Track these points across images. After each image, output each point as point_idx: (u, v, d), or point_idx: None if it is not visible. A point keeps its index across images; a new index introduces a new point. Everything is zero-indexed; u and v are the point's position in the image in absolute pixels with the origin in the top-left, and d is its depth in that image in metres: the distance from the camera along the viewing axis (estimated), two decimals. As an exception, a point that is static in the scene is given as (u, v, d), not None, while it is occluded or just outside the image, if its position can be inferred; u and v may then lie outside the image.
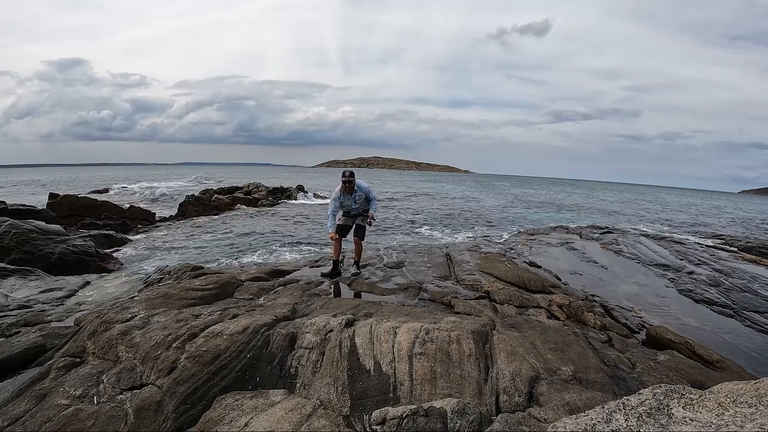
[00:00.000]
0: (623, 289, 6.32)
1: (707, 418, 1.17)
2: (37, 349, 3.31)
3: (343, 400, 2.45)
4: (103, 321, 3.39)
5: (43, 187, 37.62)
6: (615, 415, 1.28)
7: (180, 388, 2.52)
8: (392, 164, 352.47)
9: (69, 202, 16.42)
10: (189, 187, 38.84)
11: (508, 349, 2.99)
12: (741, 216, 34.27)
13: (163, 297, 4.15)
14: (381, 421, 2.13)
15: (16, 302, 5.06)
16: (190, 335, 3.05)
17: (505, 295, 4.91)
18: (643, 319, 5.04)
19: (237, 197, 24.73)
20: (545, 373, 2.76)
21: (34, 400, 2.47)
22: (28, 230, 8.53)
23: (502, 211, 26.44)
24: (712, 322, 5.18)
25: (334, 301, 4.36)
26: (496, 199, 37.28)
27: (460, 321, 3.43)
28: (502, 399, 2.50)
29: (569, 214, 27.13)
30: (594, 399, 2.41)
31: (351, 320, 3.35)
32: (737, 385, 1.29)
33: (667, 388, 1.34)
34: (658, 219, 26.11)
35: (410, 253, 7.47)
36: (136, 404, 2.37)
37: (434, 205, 28.98)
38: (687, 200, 60.55)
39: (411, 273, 6.00)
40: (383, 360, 2.75)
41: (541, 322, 4.02)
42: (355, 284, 5.42)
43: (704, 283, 6.72)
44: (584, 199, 44.65)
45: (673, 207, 40.88)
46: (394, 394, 2.51)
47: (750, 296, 6.06)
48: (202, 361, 2.73)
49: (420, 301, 4.80)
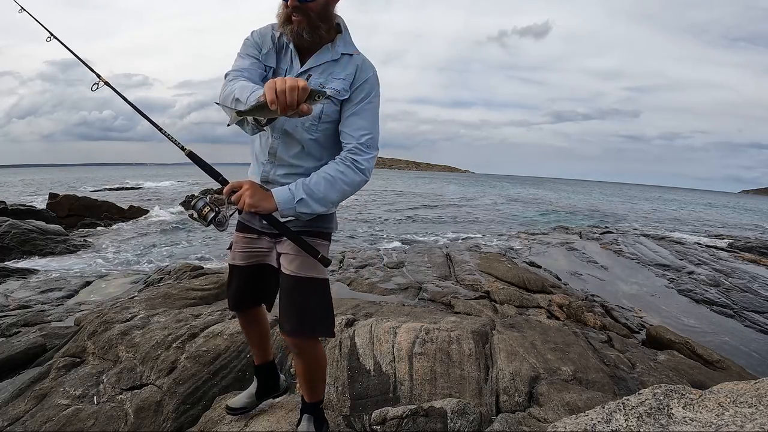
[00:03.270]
0: (623, 289, 6.32)
1: (707, 418, 1.17)
2: (37, 349, 3.31)
3: (343, 400, 2.45)
4: (103, 321, 3.39)
5: (61, 185, 37.18)
6: (615, 415, 1.28)
7: (180, 388, 2.52)
8: (392, 164, 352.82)
9: (69, 202, 16.41)
10: (189, 187, 38.87)
11: (508, 349, 2.99)
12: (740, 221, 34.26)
13: (163, 297, 4.15)
14: (381, 421, 2.13)
15: (16, 302, 5.06)
16: (190, 335, 3.05)
17: (505, 295, 4.91)
18: (643, 319, 5.04)
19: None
20: (545, 373, 2.76)
21: (34, 400, 2.47)
22: (28, 230, 8.54)
23: (502, 211, 26.44)
24: (712, 322, 5.18)
25: (334, 301, 4.36)
26: (496, 199, 37.27)
27: (460, 321, 3.43)
28: (502, 399, 2.50)
29: (569, 214, 27.13)
30: (594, 399, 2.41)
31: (351, 320, 3.35)
32: (737, 385, 1.29)
33: (667, 388, 1.34)
34: (659, 219, 26.11)
35: (410, 253, 7.47)
36: (136, 404, 2.37)
37: (433, 204, 28.98)
38: (687, 200, 60.56)
39: (411, 273, 6.00)
40: (383, 360, 2.75)
41: (541, 322, 4.02)
42: (355, 284, 5.42)
43: (704, 283, 6.72)
44: (584, 199, 44.64)
45: (673, 207, 40.89)
46: (394, 394, 2.51)
47: (750, 296, 6.06)
48: (202, 361, 2.73)
49: (420, 301, 4.80)
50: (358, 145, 1.38)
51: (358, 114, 1.39)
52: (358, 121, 1.39)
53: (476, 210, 26.53)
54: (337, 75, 1.40)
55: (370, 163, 1.39)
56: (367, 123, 1.40)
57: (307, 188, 1.32)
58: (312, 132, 1.42)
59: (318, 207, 1.34)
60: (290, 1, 1.32)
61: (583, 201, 42.11)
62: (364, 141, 1.39)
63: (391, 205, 27.13)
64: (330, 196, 1.35)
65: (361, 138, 1.38)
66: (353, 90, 1.41)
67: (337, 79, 1.40)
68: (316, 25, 1.36)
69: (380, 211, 23.46)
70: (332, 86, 1.39)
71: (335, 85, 1.39)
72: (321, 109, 1.39)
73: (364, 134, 1.39)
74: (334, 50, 1.42)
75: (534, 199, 39.49)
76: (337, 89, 1.39)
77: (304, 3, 1.32)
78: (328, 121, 1.42)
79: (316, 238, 1.50)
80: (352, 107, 1.40)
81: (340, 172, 1.35)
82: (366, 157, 1.38)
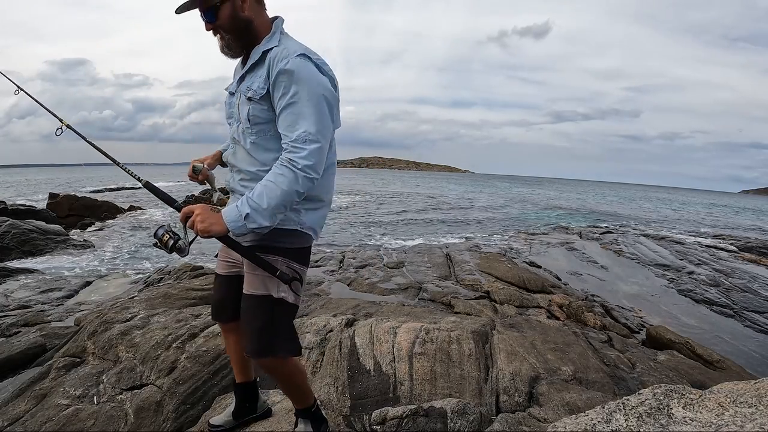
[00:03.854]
0: (623, 289, 6.32)
1: (707, 418, 1.17)
2: (37, 349, 3.31)
3: (343, 400, 2.45)
4: (103, 321, 3.39)
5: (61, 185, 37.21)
6: (615, 415, 1.28)
7: (180, 388, 2.52)
8: (392, 164, 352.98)
9: (69, 202, 16.41)
10: (188, 186, 38.85)
11: (508, 349, 2.99)
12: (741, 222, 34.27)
13: (163, 297, 4.15)
14: (381, 421, 2.13)
15: (16, 302, 5.06)
16: (190, 335, 3.05)
17: (505, 295, 4.91)
18: (643, 319, 5.04)
19: (237, 197, 24.74)
20: (545, 373, 2.76)
21: (34, 400, 2.47)
22: (28, 230, 8.54)
23: (502, 212, 26.44)
24: (712, 322, 5.19)
25: (334, 301, 4.36)
26: (496, 199, 37.27)
27: (460, 321, 3.43)
28: (502, 399, 2.51)
29: (569, 214, 27.13)
30: (594, 399, 2.41)
31: (351, 320, 3.35)
32: (737, 385, 1.29)
33: (667, 388, 1.34)
34: (659, 219, 26.12)
35: (410, 253, 7.47)
36: (136, 404, 2.37)
37: (433, 204, 28.98)
38: (687, 200, 60.59)
39: (411, 273, 6.00)
40: (383, 360, 2.75)
41: (541, 322, 4.02)
42: (355, 284, 5.42)
43: (704, 283, 6.72)
44: (584, 199, 44.65)
45: (673, 207, 40.90)
46: (394, 394, 2.51)
47: (750, 296, 6.07)
48: (202, 361, 2.74)
49: (420, 301, 4.80)
50: (291, 143, 1.30)
51: (285, 109, 1.32)
52: (288, 117, 1.31)
53: (476, 210, 26.53)
54: (260, 74, 1.37)
55: (311, 159, 1.28)
56: (295, 117, 1.30)
57: (251, 201, 1.27)
58: (249, 135, 1.41)
59: (266, 219, 1.28)
60: (205, 26, 1.37)
61: (583, 201, 42.12)
62: (297, 136, 1.29)
63: (391, 206, 27.14)
64: (273, 203, 1.27)
65: (293, 134, 1.30)
66: (272, 85, 1.34)
67: (259, 78, 1.37)
68: (234, 38, 1.40)
69: (380, 211, 23.47)
70: (254, 86, 1.37)
71: (254, 85, 1.37)
72: (248, 111, 1.38)
73: (295, 130, 1.30)
74: (257, 50, 1.40)
75: (534, 199, 39.49)
76: (253, 88, 1.37)
77: (210, 23, 1.36)
78: (259, 123, 1.39)
79: (270, 255, 1.42)
80: (278, 103, 1.33)
81: (279, 175, 1.28)
82: (302, 154, 1.28)
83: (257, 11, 1.41)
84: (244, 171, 1.46)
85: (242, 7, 1.36)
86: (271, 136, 1.40)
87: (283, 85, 1.31)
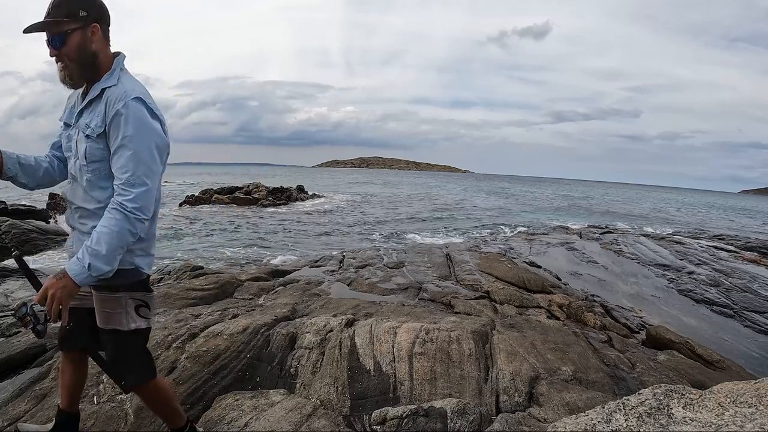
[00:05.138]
0: (623, 289, 6.32)
1: (707, 418, 1.17)
2: (37, 349, 3.30)
3: (343, 400, 2.45)
4: (103, 321, 3.38)
5: (61, 185, 37.20)
6: (615, 415, 1.28)
7: (180, 388, 2.52)
8: (392, 164, 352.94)
9: (69, 202, 16.42)
10: (187, 186, 38.85)
11: (508, 349, 2.99)
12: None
13: (163, 297, 4.15)
14: (381, 421, 2.13)
15: (16, 302, 5.06)
16: (190, 335, 3.05)
17: (505, 295, 4.91)
18: (643, 319, 5.04)
19: (237, 197, 24.74)
20: (545, 373, 2.76)
21: (34, 400, 2.46)
22: (28, 230, 8.54)
23: (501, 211, 26.44)
24: (712, 322, 5.19)
25: (334, 301, 4.36)
26: (496, 199, 37.28)
27: (460, 321, 3.43)
28: (502, 399, 2.51)
29: (569, 213, 27.13)
30: (594, 399, 2.41)
31: (351, 320, 3.35)
32: (737, 385, 1.29)
33: (667, 388, 1.34)
34: (658, 219, 26.11)
35: (410, 253, 7.48)
36: (136, 404, 2.37)
37: (432, 204, 28.97)
38: (687, 200, 60.57)
39: (411, 273, 6.00)
40: (383, 360, 2.75)
41: (541, 322, 4.02)
42: (355, 284, 5.42)
43: (704, 283, 6.72)
44: (584, 199, 44.64)
45: (673, 207, 40.89)
46: (394, 394, 2.51)
47: (750, 296, 6.06)
48: (202, 361, 2.73)
49: (420, 301, 4.80)
50: (121, 186, 1.34)
51: (117, 151, 1.35)
52: (119, 160, 1.35)
53: (476, 210, 26.54)
54: (98, 112, 1.38)
55: (139, 201, 1.34)
56: (125, 160, 1.34)
57: (90, 249, 1.30)
58: (85, 173, 1.43)
59: (107, 263, 1.32)
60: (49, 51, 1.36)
61: (583, 201, 42.11)
62: (125, 180, 1.34)
63: (390, 206, 27.14)
64: (111, 247, 1.31)
65: (122, 176, 1.34)
66: (108, 126, 1.36)
67: (97, 117, 1.38)
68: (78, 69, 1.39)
69: (380, 211, 23.48)
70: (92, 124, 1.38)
71: (92, 123, 1.38)
72: (85, 149, 1.40)
73: (125, 172, 1.34)
74: (96, 86, 1.41)
75: (534, 199, 39.49)
76: (92, 126, 1.38)
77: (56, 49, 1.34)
78: (95, 161, 1.41)
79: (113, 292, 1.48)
80: (112, 144, 1.36)
81: (111, 218, 1.32)
82: (129, 197, 1.33)
83: (103, 45, 1.42)
84: (82, 209, 1.48)
85: (91, 39, 1.37)
86: (105, 174, 1.42)
87: (118, 126, 1.34)
